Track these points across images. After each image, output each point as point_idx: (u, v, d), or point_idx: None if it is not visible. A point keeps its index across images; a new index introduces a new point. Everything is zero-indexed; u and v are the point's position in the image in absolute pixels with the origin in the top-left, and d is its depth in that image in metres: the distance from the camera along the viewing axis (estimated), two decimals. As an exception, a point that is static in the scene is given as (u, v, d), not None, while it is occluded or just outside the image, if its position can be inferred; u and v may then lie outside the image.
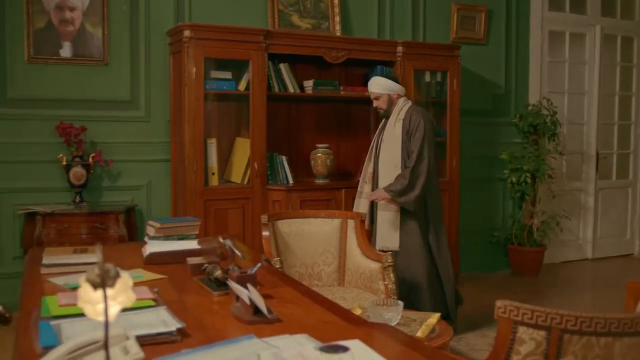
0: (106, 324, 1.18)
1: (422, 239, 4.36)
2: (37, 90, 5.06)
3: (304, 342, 1.72)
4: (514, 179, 6.45)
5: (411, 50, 5.67)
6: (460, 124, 5.95)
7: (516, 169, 6.44)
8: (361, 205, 4.54)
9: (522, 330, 1.71)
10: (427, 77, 5.97)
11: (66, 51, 5.13)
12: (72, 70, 5.15)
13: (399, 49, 5.63)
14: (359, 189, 4.65)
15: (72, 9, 5.13)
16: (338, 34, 5.74)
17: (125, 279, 1.22)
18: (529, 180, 6.42)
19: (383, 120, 4.65)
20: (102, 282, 1.16)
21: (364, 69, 5.80)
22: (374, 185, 4.55)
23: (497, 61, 6.69)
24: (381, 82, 4.56)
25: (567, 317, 1.68)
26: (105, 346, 1.22)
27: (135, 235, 5.06)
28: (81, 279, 1.19)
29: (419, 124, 4.35)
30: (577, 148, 7.32)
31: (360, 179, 4.68)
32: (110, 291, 1.17)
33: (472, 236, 6.52)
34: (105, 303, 1.16)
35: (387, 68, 5.65)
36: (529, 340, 1.71)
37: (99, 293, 1.17)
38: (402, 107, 4.50)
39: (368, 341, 1.58)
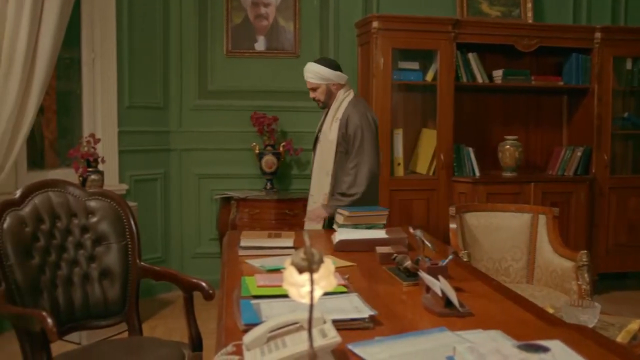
0: (311, 307, 1.22)
1: None
2: (233, 82, 5.38)
3: (498, 338, 1.67)
4: None
5: (610, 36, 5.31)
6: (665, 116, 5.49)
7: None
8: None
9: None
10: (629, 65, 5.56)
11: (260, 45, 5.39)
12: (265, 62, 5.41)
13: (597, 34, 5.29)
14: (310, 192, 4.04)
15: (266, 5, 5.38)
16: (530, 21, 5.50)
17: (328, 264, 1.25)
18: None
19: (323, 115, 3.89)
20: (309, 266, 1.20)
21: (558, 57, 5.52)
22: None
23: None
24: (316, 70, 3.75)
25: None
26: (309, 328, 1.26)
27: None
28: (287, 262, 1.24)
29: (356, 129, 3.60)
30: None
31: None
32: (314, 275, 1.21)
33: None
34: (311, 287, 1.20)
35: (582, 56, 5.34)
36: None
37: (304, 276, 1.21)
38: (342, 101, 3.74)
39: (568, 343, 1.49)
